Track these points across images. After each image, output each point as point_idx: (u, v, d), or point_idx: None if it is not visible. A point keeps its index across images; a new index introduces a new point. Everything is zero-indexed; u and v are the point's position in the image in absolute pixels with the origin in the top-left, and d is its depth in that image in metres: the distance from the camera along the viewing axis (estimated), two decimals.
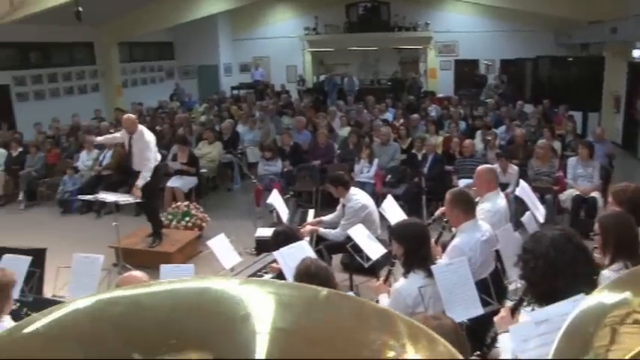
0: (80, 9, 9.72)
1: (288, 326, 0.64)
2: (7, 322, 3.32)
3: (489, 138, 9.37)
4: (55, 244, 5.97)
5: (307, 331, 0.64)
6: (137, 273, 3.34)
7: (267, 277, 4.95)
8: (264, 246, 5.79)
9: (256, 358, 0.61)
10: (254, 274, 5.07)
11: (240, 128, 11.90)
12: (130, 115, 7.56)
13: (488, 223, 4.45)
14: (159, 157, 7.31)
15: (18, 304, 3.61)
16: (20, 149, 10.82)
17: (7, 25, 11.86)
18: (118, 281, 3.27)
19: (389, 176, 7.99)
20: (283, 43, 20.60)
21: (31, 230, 8.33)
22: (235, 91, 19.78)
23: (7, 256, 4.54)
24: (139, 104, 15.78)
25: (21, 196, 9.95)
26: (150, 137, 7.10)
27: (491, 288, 3.51)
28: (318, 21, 20.13)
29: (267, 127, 11.93)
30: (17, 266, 4.20)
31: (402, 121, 11.95)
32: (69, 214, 9.58)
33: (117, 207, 7.55)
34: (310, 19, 20.30)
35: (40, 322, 0.66)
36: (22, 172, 10.30)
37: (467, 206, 4.23)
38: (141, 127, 7.14)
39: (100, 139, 8.03)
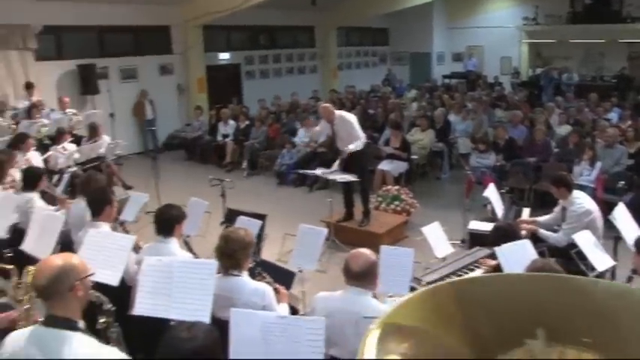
0: None
1: None
2: (246, 278, 3.66)
3: None
4: (270, 212, 6.36)
5: None
6: (365, 250, 3.46)
7: (479, 272, 4.84)
8: (477, 239, 5.68)
9: None
10: (465, 267, 4.99)
11: (452, 118, 11.74)
12: (326, 104, 7.76)
13: None
14: (363, 135, 7.44)
15: (254, 263, 3.94)
16: (247, 122, 11.91)
17: (243, 10, 12.99)
18: (348, 257, 3.40)
19: (621, 182, 7.30)
20: (499, 33, 19.81)
21: (250, 197, 9.02)
22: (446, 80, 19.53)
23: (241, 218, 5.00)
24: (353, 87, 16.35)
25: (244, 165, 10.93)
26: (351, 118, 7.28)
27: None
28: (538, 10, 19.02)
29: (479, 118, 11.62)
30: (249, 229, 4.57)
31: (629, 122, 10.86)
32: (284, 186, 10.30)
33: (330, 184, 7.89)
34: (530, 8, 19.24)
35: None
36: (247, 143, 11.34)
37: None
38: (339, 113, 7.32)
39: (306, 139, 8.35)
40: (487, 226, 5.66)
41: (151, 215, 7.44)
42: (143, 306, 3.38)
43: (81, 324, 2.36)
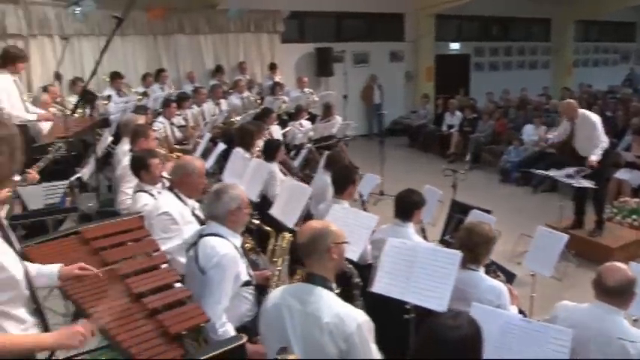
0: None
1: None
2: (482, 274, 3.62)
3: None
4: (491, 209, 6.15)
5: None
6: (622, 265, 3.21)
7: None
8: None
9: None
10: None
11: None
12: (570, 100, 7.24)
13: None
14: (606, 139, 6.84)
15: (490, 260, 3.87)
16: (474, 115, 11.74)
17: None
18: (603, 270, 3.17)
19: None
20: None
21: (471, 190, 8.77)
22: None
23: (475, 212, 4.94)
24: (589, 86, 15.17)
25: (467, 158, 10.72)
26: (595, 119, 6.72)
27: None
28: None
29: None
30: None
31: None
32: (506, 183, 9.97)
33: (559, 187, 7.41)
34: None
35: None
36: (473, 135, 11.21)
37: None
38: (582, 112, 6.80)
39: (549, 135, 7.95)
40: None
41: (374, 196, 7.79)
42: (381, 285, 3.50)
43: (334, 286, 2.62)
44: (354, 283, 3.21)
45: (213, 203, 3.26)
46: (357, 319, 2.44)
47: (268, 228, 3.94)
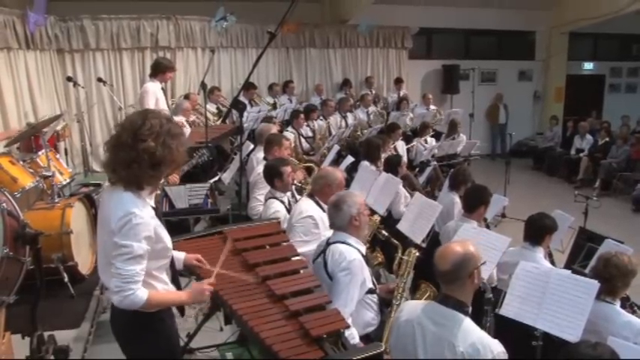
0: None
1: None
2: (619, 308, 3.49)
3: None
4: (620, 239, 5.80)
5: None
6: None
7: None
8: None
9: None
10: None
11: None
12: None
13: None
14: None
15: (626, 294, 3.72)
16: (607, 139, 11.19)
17: (618, 16, 12.05)
18: None
19: None
20: None
21: (599, 218, 8.35)
22: None
23: (609, 242, 4.69)
24: None
25: (597, 184, 10.25)
26: None
27: None
28: None
29: None
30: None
31: None
32: None
33: None
34: None
35: None
36: (604, 161, 10.69)
37: None
38: None
39: None
40: None
41: (495, 218, 7.57)
42: (510, 308, 3.46)
43: (469, 310, 2.56)
44: (486, 298, 3.22)
45: (335, 215, 3.40)
46: (492, 350, 2.40)
47: (396, 241, 4.02)
